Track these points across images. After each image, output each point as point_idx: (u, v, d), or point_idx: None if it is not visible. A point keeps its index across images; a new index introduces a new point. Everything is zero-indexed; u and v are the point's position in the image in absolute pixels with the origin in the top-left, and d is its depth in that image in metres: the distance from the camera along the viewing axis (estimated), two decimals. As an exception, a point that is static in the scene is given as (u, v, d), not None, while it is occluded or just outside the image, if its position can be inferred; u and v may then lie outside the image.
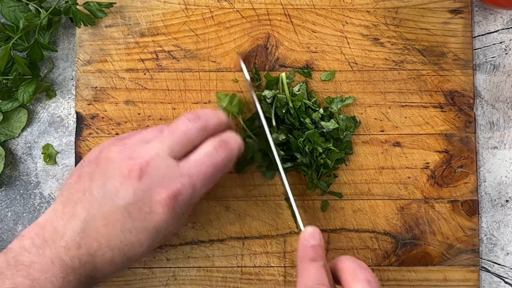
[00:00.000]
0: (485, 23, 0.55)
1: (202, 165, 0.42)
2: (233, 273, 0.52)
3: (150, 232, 0.41)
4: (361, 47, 0.53)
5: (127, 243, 0.41)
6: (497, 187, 0.53)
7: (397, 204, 0.52)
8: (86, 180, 0.42)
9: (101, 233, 0.40)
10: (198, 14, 0.53)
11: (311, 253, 0.42)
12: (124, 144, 0.43)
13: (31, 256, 0.39)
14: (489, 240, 0.53)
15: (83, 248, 0.40)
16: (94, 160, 0.43)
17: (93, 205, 0.41)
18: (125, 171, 0.41)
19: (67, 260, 0.39)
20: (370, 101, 0.52)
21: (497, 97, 0.54)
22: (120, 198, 0.40)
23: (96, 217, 0.40)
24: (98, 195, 0.41)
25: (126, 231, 0.41)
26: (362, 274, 0.40)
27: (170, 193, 0.41)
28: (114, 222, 0.40)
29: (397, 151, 0.52)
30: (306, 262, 0.42)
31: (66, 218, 0.41)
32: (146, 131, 0.44)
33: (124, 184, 0.40)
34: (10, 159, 0.54)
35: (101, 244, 0.40)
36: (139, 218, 0.41)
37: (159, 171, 0.41)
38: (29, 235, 0.40)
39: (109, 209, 0.40)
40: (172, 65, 0.53)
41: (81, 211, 0.41)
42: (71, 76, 0.54)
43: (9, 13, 0.51)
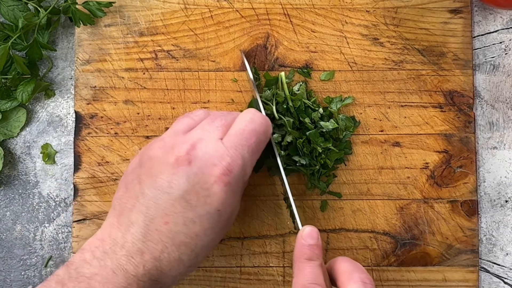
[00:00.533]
0: (484, 23, 0.55)
1: (244, 134, 0.42)
2: (232, 273, 0.52)
3: (213, 216, 0.40)
4: (360, 47, 0.53)
5: (192, 235, 0.40)
6: (496, 187, 0.53)
7: (397, 204, 0.52)
8: (135, 185, 0.41)
9: (163, 232, 0.39)
10: (198, 14, 0.53)
11: (308, 252, 0.42)
12: (162, 139, 0.43)
13: (92, 268, 0.39)
14: (489, 240, 0.53)
15: (146, 254, 0.39)
16: (137, 165, 0.43)
17: (149, 206, 0.40)
18: (172, 161, 0.40)
19: (130, 268, 0.39)
20: (370, 101, 0.52)
21: (497, 97, 0.54)
22: (174, 189, 0.40)
23: (155, 217, 0.40)
24: (152, 194, 0.40)
25: (189, 222, 0.40)
26: (357, 275, 0.40)
27: (223, 168, 0.40)
28: (174, 216, 0.40)
29: (397, 151, 0.52)
30: (302, 261, 0.42)
31: (123, 228, 0.40)
32: (176, 123, 0.44)
33: (175, 174, 0.40)
34: (9, 158, 0.54)
35: (165, 244, 0.40)
36: (199, 204, 0.40)
37: (207, 152, 0.41)
38: (89, 248, 0.40)
39: (166, 204, 0.40)
40: (171, 65, 0.53)
41: (138, 216, 0.40)
42: (70, 75, 0.54)
43: (8, 12, 0.51)
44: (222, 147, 0.41)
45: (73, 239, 0.51)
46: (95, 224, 0.52)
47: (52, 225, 0.53)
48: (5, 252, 0.53)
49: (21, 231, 0.53)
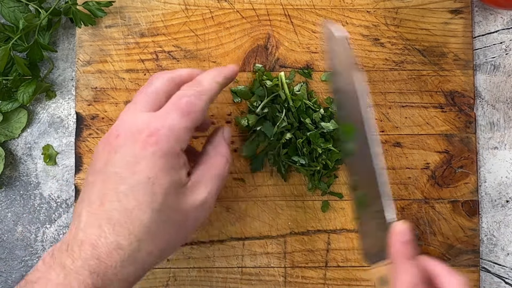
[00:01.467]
0: (485, 24, 0.55)
1: (177, 101, 0.41)
2: (233, 274, 0.52)
3: (145, 186, 0.38)
4: (361, 47, 0.53)
5: (127, 211, 0.37)
6: (497, 187, 0.53)
7: (398, 204, 0.52)
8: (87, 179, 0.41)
9: (99, 214, 0.37)
10: (198, 15, 0.53)
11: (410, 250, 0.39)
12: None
13: (38, 273, 0.37)
14: (490, 240, 0.53)
15: (85, 242, 0.36)
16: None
17: (89, 193, 0.39)
18: (105, 141, 0.40)
19: (68, 263, 0.36)
20: (370, 101, 0.52)
21: (497, 97, 0.54)
22: (108, 166, 0.39)
23: (93, 201, 0.38)
24: (91, 179, 0.39)
25: (122, 196, 0.38)
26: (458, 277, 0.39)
27: (147, 132, 0.39)
28: (109, 194, 0.38)
29: (398, 151, 0.52)
30: (405, 259, 0.39)
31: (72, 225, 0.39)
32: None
33: (109, 152, 0.39)
34: (10, 159, 0.54)
35: (101, 228, 0.37)
36: (128, 174, 0.38)
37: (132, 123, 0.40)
38: (48, 251, 0.39)
39: (101, 184, 0.38)
40: (172, 66, 0.53)
41: (82, 207, 0.39)
42: (71, 76, 0.54)
43: (9, 13, 0.51)
44: (149, 114, 0.40)
45: (74, 240, 0.51)
46: (96, 225, 0.52)
47: (53, 226, 0.53)
48: (7, 253, 0.53)
49: (23, 232, 0.53)
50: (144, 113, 0.40)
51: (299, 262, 0.52)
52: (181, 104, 0.40)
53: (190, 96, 0.41)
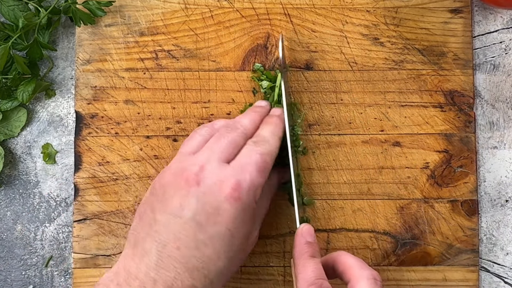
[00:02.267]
0: (485, 23, 0.55)
1: (251, 156, 0.43)
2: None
3: (224, 237, 0.40)
4: (361, 47, 0.53)
5: (205, 259, 0.40)
6: (497, 187, 0.53)
7: (397, 204, 0.52)
8: (148, 214, 0.41)
9: (175, 257, 0.39)
10: (198, 14, 0.53)
11: (310, 249, 0.42)
12: (170, 167, 0.43)
13: None
14: (489, 240, 0.53)
15: (159, 283, 0.38)
16: (150, 194, 0.43)
17: (161, 232, 0.40)
18: (183, 183, 0.41)
19: None
20: (370, 100, 0.52)
21: (497, 97, 0.54)
22: (185, 211, 0.40)
23: (167, 242, 0.39)
24: (163, 219, 0.40)
25: (201, 245, 0.39)
26: (367, 271, 0.40)
27: (232, 184, 0.41)
28: (185, 239, 0.39)
29: (397, 151, 0.52)
30: (305, 258, 0.42)
31: (138, 258, 0.40)
32: (184, 146, 0.45)
33: (185, 196, 0.40)
34: (9, 158, 0.54)
35: (177, 271, 0.39)
36: (209, 224, 0.40)
37: (215, 173, 0.41)
38: (104, 282, 0.40)
39: (177, 228, 0.40)
40: (172, 65, 0.53)
41: (151, 244, 0.40)
42: (71, 75, 0.54)
43: (8, 12, 0.51)
44: (230, 168, 0.42)
45: (73, 239, 0.51)
46: (95, 224, 0.52)
47: (53, 225, 0.53)
48: (6, 252, 0.53)
49: (22, 231, 0.53)
50: (225, 164, 0.42)
51: (299, 261, 0.52)
52: (258, 161, 0.43)
53: (263, 154, 0.43)
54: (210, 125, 0.46)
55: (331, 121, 0.52)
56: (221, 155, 0.42)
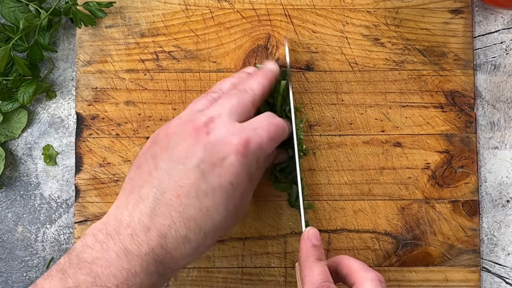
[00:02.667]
0: (485, 23, 0.55)
1: (263, 121, 0.43)
2: (234, 274, 0.52)
3: (226, 190, 0.39)
4: (361, 47, 0.53)
5: (203, 209, 0.39)
6: (498, 187, 0.53)
7: (398, 204, 0.52)
8: (149, 162, 0.41)
9: (173, 206, 0.38)
10: (199, 15, 0.53)
11: (316, 252, 0.42)
12: (179, 117, 0.43)
13: (93, 252, 0.38)
14: (490, 240, 0.53)
15: (153, 230, 0.38)
16: (152, 143, 0.42)
17: (162, 180, 0.39)
18: (190, 131, 0.40)
19: (133, 248, 0.38)
20: (371, 101, 0.52)
21: (498, 97, 0.54)
22: (191, 159, 0.39)
23: (167, 190, 0.39)
24: (166, 166, 0.39)
25: (201, 194, 0.39)
26: (372, 273, 0.40)
27: (241, 139, 0.40)
28: (187, 187, 0.39)
29: (398, 151, 0.52)
30: (312, 261, 0.42)
31: (131, 205, 0.39)
32: (195, 103, 0.44)
33: (193, 144, 0.40)
34: (10, 160, 0.54)
35: (173, 220, 0.38)
36: (213, 175, 0.39)
37: (225, 125, 0.41)
38: (91, 231, 0.39)
39: (180, 175, 0.39)
40: (173, 66, 0.53)
41: (149, 191, 0.39)
42: (71, 76, 0.54)
43: (9, 13, 0.51)
44: (240, 126, 0.41)
45: (74, 240, 0.51)
46: (96, 225, 0.52)
47: (54, 226, 0.53)
48: (7, 253, 0.53)
49: (23, 233, 0.53)
50: (235, 122, 0.42)
51: (300, 262, 0.52)
52: (271, 129, 0.42)
53: (278, 125, 0.43)
54: (217, 89, 0.45)
55: (332, 122, 0.52)
56: (231, 113, 0.42)
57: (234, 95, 0.43)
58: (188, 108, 0.44)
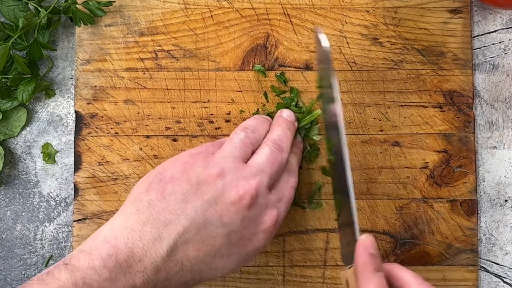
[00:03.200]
0: (484, 23, 0.55)
1: (286, 190, 0.44)
2: (232, 273, 0.52)
3: (241, 257, 0.41)
4: (360, 47, 0.53)
5: (213, 266, 0.40)
6: (496, 187, 0.53)
7: (396, 203, 0.52)
8: (178, 201, 0.39)
9: (189, 257, 0.39)
10: (198, 14, 0.53)
11: (375, 262, 0.40)
12: (217, 165, 0.41)
13: (101, 281, 0.36)
14: (488, 239, 0.53)
15: (162, 272, 0.38)
16: (183, 178, 0.41)
17: (189, 229, 0.39)
18: (234, 199, 0.40)
19: (140, 285, 0.37)
20: (369, 100, 0.52)
21: (496, 97, 0.54)
22: (225, 225, 0.40)
23: (190, 241, 0.39)
24: (198, 219, 0.39)
25: (218, 256, 0.40)
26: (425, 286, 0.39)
27: (273, 219, 0.42)
28: (209, 247, 0.39)
29: (396, 150, 0.52)
30: (370, 271, 0.40)
31: (146, 240, 0.38)
32: (232, 147, 0.43)
33: (231, 212, 0.40)
34: (9, 158, 0.54)
35: (183, 268, 0.39)
36: (237, 245, 0.41)
37: (263, 200, 0.42)
38: (99, 253, 0.37)
39: (208, 235, 0.39)
40: (172, 65, 0.53)
41: (171, 234, 0.38)
42: (71, 75, 0.54)
43: (8, 12, 0.51)
44: (273, 199, 0.43)
45: (73, 238, 0.52)
46: (95, 224, 0.52)
47: (53, 225, 0.53)
48: (6, 251, 0.53)
49: (22, 231, 0.53)
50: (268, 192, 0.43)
51: (298, 261, 0.52)
52: (290, 197, 0.45)
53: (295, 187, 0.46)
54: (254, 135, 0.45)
55: (330, 121, 0.52)
56: (270, 179, 0.43)
57: (278, 156, 0.44)
58: (229, 152, 0.43)
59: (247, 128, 0.45)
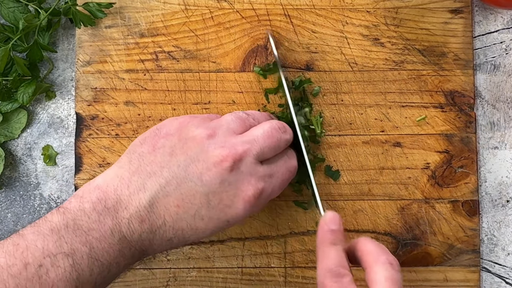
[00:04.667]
0: (485, 23, 0.55)
1: (281, 169, 0.44)
2: (234, 274, 0.52)
3: (221, 222, 0.41)
4: (361, 47, 0.53)
5: (193, 227, 0.40)
6: (497, 187, 0.53)
7: (398, 204, 0.52)
8: (165, 154, 0.41)
9: (170, 211, 0.40)
10: (198, 15, 0.53)
11: (331, 237, 0.41)
12: (211, 128, 0.42)
13: (90, 222, 0.38)
14: (490, 240, 0.53)
15: (146, 224, 0.39)
16: (175, 134, 0.42)
17: (170, 183, 0.40)
18: (217, 159, 0.40)
19: (126, 233, 0.39)
20: (370, 101, 0.52)
21: (498, 97, 0.54)
22: (204, 184, 0.40)
23: (171, 195, 0.40)
24: (179, 173, 0.40)
25: (198, 217, 0.40)
26: (384, 256, 0.39)
27: (256, 191, 0.41)
28: (189, 205, 0.40)
29: (398, 151, 0.52)
30: (326, 245, 0.41)
31: (133, 188, 0.40)
32: (230, 119, 0.44)
33: (211, 171, 0.40)
34: (10, 160, 0.54)
35: (165, 223, 0.40)
36: (216, 208, 0.40)
37: (248, 169, 0.41)
38: (90, 197, 0.39)
39: (187, 191, 0.40)
40: (172, 66, 0.53)
41: (154, 185, 0.40)
42: (71, 77, 0.54)
43: (8, 14, 0.51)
44: (262, 171, 0.42)
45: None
46: (96, 226, 0.52)
47: (54, 227, 0.53)
48: (7, 253, 0.53)
49: (23, 233, 0.53)
50: (258, 163, 0.42)
51: (299, 262, 0.52)
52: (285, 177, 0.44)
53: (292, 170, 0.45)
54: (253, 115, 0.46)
55: (331, 122, 0.52)
56: (260, 153, 0.42)
57: (276, 133, 0.43)
58: (221, 122, 0.43)
59: (249, 114, 0.45)
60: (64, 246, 0.37)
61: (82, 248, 0.37)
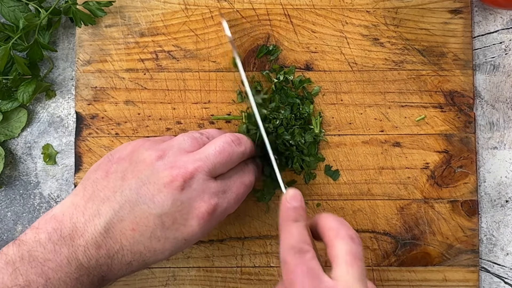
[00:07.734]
0: (485, 23, 0.55)
1: (236, 184, 0.44)
2: (233, 273, 0.52)
3: (178, 242, 0.41)
4: (361, 47, 0.53)
5: (151, 249, 0.41)
6: (497, 187, 0.53)
7: (397, 204, 0.52)
8: (117, 179, 0.41)
9: (126, 236, 0.40)
10: (198, 14, 0.53)
11: (293, 214, 0.41)
12: (161, 150, 0.42)
13: (46, 253, 0.38)
14: (489, 240, 0.53)
15: (103, 249, 0.39)
16: (127, 158, 0.42)
17: (123, 207, 0.40)
18: (167, 180, 0.40)
19: (83, 260, 0.39)
20: (370, 101, 0.52)
21: (497, 97, 0.54)
22: (156, 206, 0.40)
23: (125, 220, 0.40)
24: (132, 197, 0.40)
25: (154, 239, 0.40)
26: (344, 231, 0.40)
27: (209, 207, 0.41)
28: (143, 228, 0.40)
29: (397, 151, 0.52)
30: (288, 222, 0.41)
31: (88, 215, 0.40)
32: (182, 139, 0.44)
33: (162, 192, 0.40)
34: (10, 159, 0.54)
35: (123, 247, 0.40)
36: (171, 228, 0.40)
37: (200, 186, 0.41)
38: (45, 228, 0.39)
39: (141, 214, 0.40)
40: (172, 65, 0.53)
41: (108, 211, 0.40)
42: (71, 76, 0.54)
43: (9, 13, 0.51)
44: (215, 187, 0.42)
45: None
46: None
47: (53, 226, 0.53)
48: (6, 252, 0.53)
49: (22, 232, 0.53)
50: (212, 179, 0.42)
51: (299, 261, 0.52)
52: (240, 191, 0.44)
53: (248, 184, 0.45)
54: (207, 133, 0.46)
55: (331, 122, 0.52)
56: (212, 169, 0.42)
57: (228, 147, 0.43)
58: (172, 143, 0.43)
59: (203, 133, 0.46)
60: (20, 278, 0.37)
61: (38, 280, 0.37)
